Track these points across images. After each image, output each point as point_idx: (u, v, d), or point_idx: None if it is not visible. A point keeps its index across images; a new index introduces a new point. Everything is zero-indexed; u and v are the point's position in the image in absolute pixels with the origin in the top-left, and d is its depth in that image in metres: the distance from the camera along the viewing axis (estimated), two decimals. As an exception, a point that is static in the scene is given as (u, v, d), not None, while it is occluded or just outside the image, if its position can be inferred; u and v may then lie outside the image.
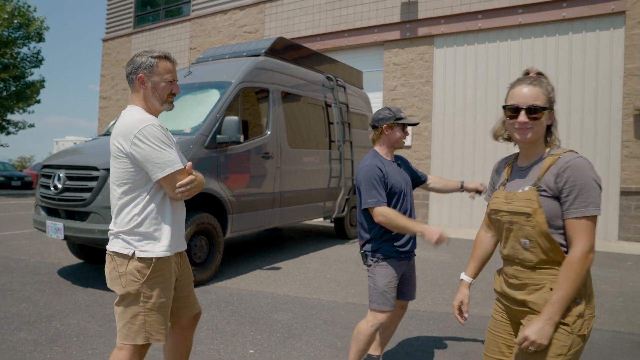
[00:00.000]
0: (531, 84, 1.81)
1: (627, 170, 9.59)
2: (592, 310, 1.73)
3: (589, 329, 1.71)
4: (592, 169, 1.70)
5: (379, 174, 2.85)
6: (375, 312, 2.84)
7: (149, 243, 2.15)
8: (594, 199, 1.66)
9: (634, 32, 9.64)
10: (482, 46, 11.04)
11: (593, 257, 1.67)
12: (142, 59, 2.20)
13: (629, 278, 6.32)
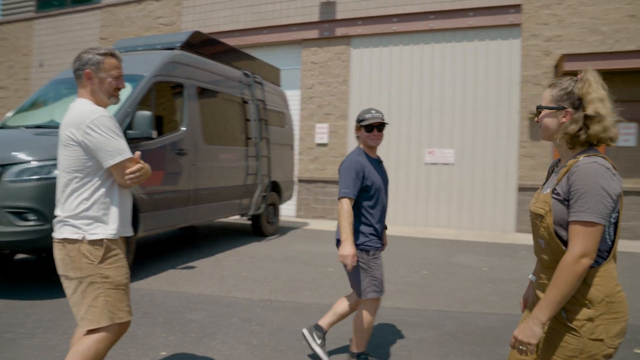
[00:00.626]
0: (549, 86, 1.92)
1: (524, 168, 10.47)
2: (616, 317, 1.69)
3: (609, 334, 1.68)
4: (602, 175, 1.67)
5: (358, 169, 3.13)
6: (373, 300, 3.17)
7: (98, 226, 2.26)
8: (593, 205, 1.64)
9: (529, 43, 10.52)
10: (396, 48, 11.48)
11: (587, 262, 1.65)
12: (89, 55, 2.34)
13: (522, 266, 6.92)
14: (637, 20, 10.01)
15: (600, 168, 1.68)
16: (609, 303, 1.69)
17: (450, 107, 10.99)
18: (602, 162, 1.70)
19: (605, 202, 1.64)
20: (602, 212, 1.64)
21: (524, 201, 10.44)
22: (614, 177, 1.69)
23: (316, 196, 11.97)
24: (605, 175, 1.67)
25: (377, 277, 3.16)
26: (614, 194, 1.66)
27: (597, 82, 1.84)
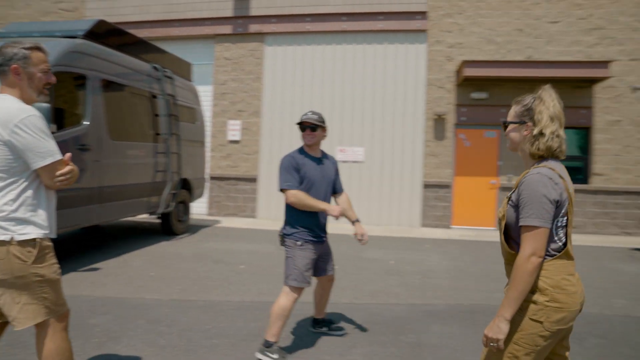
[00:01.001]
0: (514, 103, 2.16)
1: (428, 167, 11.10)
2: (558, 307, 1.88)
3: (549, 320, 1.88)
4: (544, 185, 1.89)
5: (292, 163, 3.45)
6: (294, 288, 3.40)
7: (27, 226, 2.20)
8: (536, 210, 1.87)
9: (433, 48, 11.16)
10: (309, 47, 11.65)
11: (536, 261, 1.85)
12: (14, 50, 2.25)
13: (425, 258, 7.36)
14: (524, 34, 10.98)
15: (542, 178, 1.91)
16: (554, 293, 1.90)
17: (360, 106, 11.37)
18: (546, 173, 1.93)
19: (546, 207, 1.87)
20: (544, 216, 1.87)
21: (429, 198, 11.07)
22: (555, 185, 1.91)
23: (228, 194, 11.85)
24: (546, 184, 1.89)
25: (299, 266, 3.40)
26: (553, 200, 1.88)
27: (551, 100, 2.03)
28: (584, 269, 6.85)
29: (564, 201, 1.93)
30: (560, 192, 1.92)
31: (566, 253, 1.96)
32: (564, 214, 1.95)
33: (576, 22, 10.91)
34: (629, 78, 10.79)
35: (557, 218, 1.94)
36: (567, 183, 1.97)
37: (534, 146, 2.02)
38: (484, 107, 11.01)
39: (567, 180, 1.99)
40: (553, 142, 1.99)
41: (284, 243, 3.56)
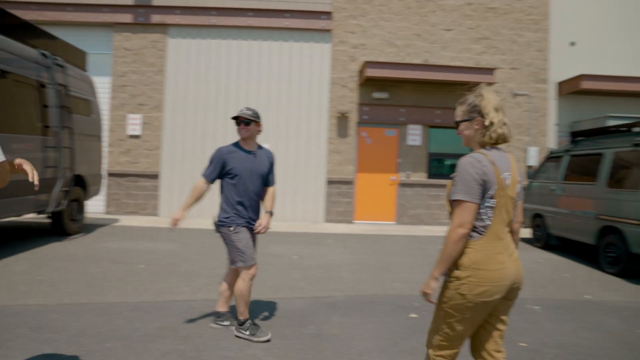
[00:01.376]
0: (458, 104, 2.41)
1: (332, 163, 11.41)
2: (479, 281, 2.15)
3: (471, 292, 2.16)
4: (472, 165, 2.17)
5: (219, 156, 3.76)
6: (245, 269, 3.73)
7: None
8: (462, 187, 2.16)
9: (338, 48, 11.47)
10: (215, 42, 11.44)
11: (461, 231, 2.14)
12: None
13: (328, 253, 7.58)
14: (422, 39, 11.66)
15: (472, 160, 2.19)
16: (475, 269, 2.17)
17: (266, 103, 11.38)
18: (476, 156, 2.21)
19: (472, 185, 2.15)
20: (470, 192, 2.15)
21: (332, 194, 11.38)
22: (483, 167, 2.17)
23: (128, 191, 11.31)
24: (474, 164, 2.17)
25: (240, 249, 3.72)
26: (479, 179, 2.15)
27: (491, 95, 2.31)
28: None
29: (491, 183, 2.17)
30: (486, 173, 2.16)
31: (492, 233, 2.20)
32: (492, 196, 2.18)
33: (467, 31, 11.78)
34: (510, 84, 11.87)
35: (485, 198, 2.19)
36: (498, 169, 2.19)
37: (486, 136, 2.27)
38: (385, 106, 11.53)
39: (500, 167, 2.21)
40: (503, 129, 2.26)
41: (218, 230, 3.81)
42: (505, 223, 2.24)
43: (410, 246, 8.56)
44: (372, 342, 3.84)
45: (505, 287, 2.20)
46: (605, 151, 7.16)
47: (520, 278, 2.29)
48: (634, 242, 6.24)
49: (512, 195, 2.25)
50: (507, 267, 2.20)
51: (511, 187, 2.25)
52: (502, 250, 2.21)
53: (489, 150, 2.27)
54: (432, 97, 11.65)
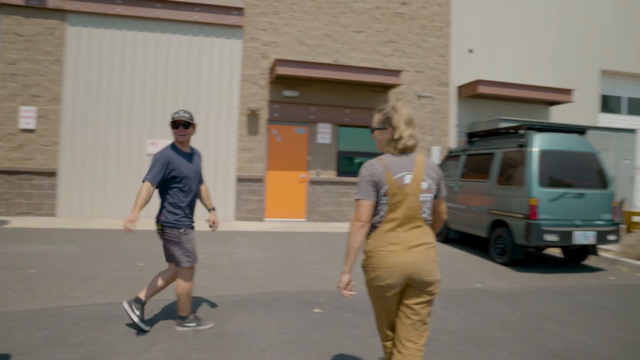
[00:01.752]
0: (377, 111, 2.68)
1: (241, 161, 11.32)
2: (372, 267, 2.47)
3: (369, 277, 2.51)
4: (365, 169, 2.51)
5: (163, 160, 3.81)
6: (188, 268, 3.91)
7: None
8: (359, 188, 2.51)
9: (249, 45, 11.39)
10: (120, 32, 10.87)
11: (356, 224, 2.46)
12: None
13: (236, 251, 7.53)
14: (332, 39, 11.91)
15: (366, 164, 2.54)
16: (370, 256, 2.50)
17: (173, 98, 11.03)
18: (372, 162, 2.53)
19: (365, 185, 2.48)
20: (362, 192, 2.49)
21: (242, 191, 11.30)
22: (374, 169, 2.49)
23: (21, 189, 10.43)
24: (367, 167, 2.51)
25: (188, 249, 3.91)
26: (369, 181, 2.47)
27: (404, 109, 2.59)
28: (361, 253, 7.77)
29: (381, 184, 2.46)
30: (376, 175, 2.47)
31: (387, 225, 2.47)
32: (384, 194, 2.47)
33: (375, 34, 12.21)
34: (415, 87, 12.48)
35: (380, 197, 2.49)
36: (390, 171, 2.47)
37: (392, 146, 2.56)
38: (296, 104, 11.63)
39: (393, 169, 2.48)
40: (409, 142, 2.54)
41: (163, 231, 3.88)
42: (407, 217, 2.46)
43: (319, 243, 8.73)
44: (275, 338, 3.89)
45: (397, 274, 2.41)
46: (495, 151, 7.77)
47: (424, 269, 2.44)
48: (518, 234, 6.85)
49: (413, 192, 2.47)
50: (398, 256, 2.42)
51: (412, 185, 2.47)
52: (397, 240, 2.44)
53: (388, 156, 2.55)
54: (341, 96, 11.94)
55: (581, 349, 3.90)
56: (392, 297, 2.50)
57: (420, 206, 2.49)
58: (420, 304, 2.49)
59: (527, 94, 12.65)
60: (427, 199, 2.53)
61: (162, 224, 3.88)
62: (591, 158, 7.13)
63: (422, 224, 2.51)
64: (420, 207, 2.49)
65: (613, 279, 6.71)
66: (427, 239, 2.51)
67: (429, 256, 2.48)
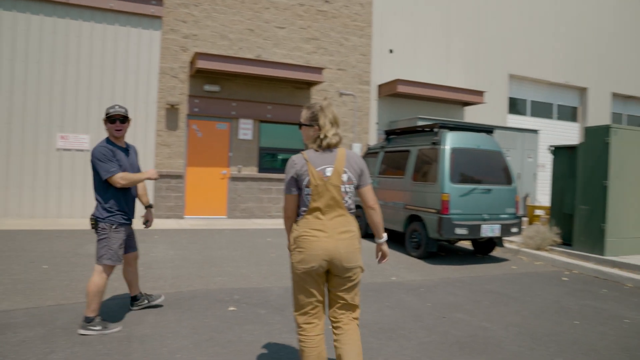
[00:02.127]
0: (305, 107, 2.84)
1: (160, 156, 10.91)
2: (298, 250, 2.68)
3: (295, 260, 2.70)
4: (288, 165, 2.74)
5: (109, 152, 3.84)
6: (107, 266, 3.86)
7: None
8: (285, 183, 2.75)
9: (168, 36, 10.98)
10: (24, 16, 10.05)
11: (284, 214, 2.80)
12: None
13: (151, 249, 7.24)
14: (255, 34, 11.78)
15: (291, 161, 2.75)
16: (296, 240, 2.71)
17: (86, 89, 10.40)
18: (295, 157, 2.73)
19: (288, 180, 2.72)
20: (286, 188, 2.75)
21: (161, 188, 10.90)
22: (295, 164, 2.71)
23: None
24: (290, 164, 2.74)
25: (113, 248, 3.87)
26: (291, 175, 2.71)
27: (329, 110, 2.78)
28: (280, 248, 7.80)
29: (303, 176, 2.67)
30: (297, 170, 2.69)
31: (310, 214, 2.68)
32: (307, 185, 2.67)
33: (298, 30, 12.22)
34: (337, 84, 12.66)
35: (303, 188, 2.70)
36: (311, 165, 2.67)
37: (317, 143, 2.75)
38: (217, 99, 11.39)
39: (315, 162, 2.68)
40: (333, 140, 2.74)
41: (96, 227, 3.88)
42: (330, 206, 2.68)
43: (239, 240, 8.62)
44: (187, 338, 3.77)
45: (320, 258, 2.62)
46: (411, 148, 8.06)
47: (344, 256, 2.65)
48: (432, 228, 7.15)
49: (334, 183, 2.68)
50: (320, 241, 2.63)
51: (333, 177, 2.67)
52: (320, 227, 2.66)
53: (311, 151, 2.75)
54: (264, 92, 11.85)
55: (483, 335, 4.13)
56: (314, 281, 2.69)
57: (342, 196, 2.69)
58: (344, 290, 2.74)
59: (443, 95, 13.25)
60: (348, 189, 2.73)
61: (95, 218, 3.90)
62: (497, 156, 7.59)
63: (344, 212, 2.71)
64: (342, 197, 2.69)
65: (515, 268, 7.19)
66: (350, 227, 2.72)
67: (350, 244, 2.68)
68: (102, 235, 3.86)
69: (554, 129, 16.93)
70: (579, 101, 17.73)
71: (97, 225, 3.88)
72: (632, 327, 4.57)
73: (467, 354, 3.68)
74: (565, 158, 8.56)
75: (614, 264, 7.10)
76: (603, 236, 7.34)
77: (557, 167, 8.77)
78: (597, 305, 5.28)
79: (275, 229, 10.17)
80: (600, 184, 7.39)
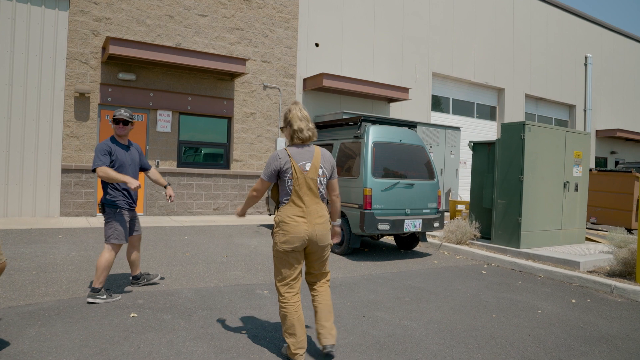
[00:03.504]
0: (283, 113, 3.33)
1: (68, 149, 10.00)
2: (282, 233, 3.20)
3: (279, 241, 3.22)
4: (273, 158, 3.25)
5: (106, 149, 4.46)
6: (115, 245, 4.48)
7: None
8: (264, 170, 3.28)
9: (77, 18, 10.08)
10: None
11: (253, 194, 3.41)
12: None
13: (51, 251, 6.53)
14: (175, 21, 11.13)
15: (274, 154, 3.25)
16: (280, 224, 3.23)
17: (-21, 74, 9.31)
18: (278, 151, 3.23)
19: (269, 169, 3.25)
20: (266, 174, 3.26)
21: (69, 184, 10.01)
22: (278, 159, 3.22)
23: None
24: (275, 158, 3.23)
25: (118, 228, 4.49)
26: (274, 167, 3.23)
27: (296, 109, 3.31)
28: (217, 248, 7.37)
29: (286, 169, 3.20)
30: (281, 163, 3.21)
31: (292, 202, 3.22)
32: (289, 178, 3.20)
33: (221, 19, 11.70)
34: (262, 77, 12.28)
35: (286, 180, 3.22)
36: (294, 160, 3.20)
37: (295, 138, 3.28)
38: (132, 89, 10.64)
39: (297, 158, 3.22)
40: (304, 134, 3.26)
41: (103, 211, 4.51)
42: (308, 196, 3.23)
43: (153, 238, 8.04)
44: (73, 353, 3.28)
45: (301, 239, 3.19)
46: (334, 142, 7.87)
47: (320, 237, 3.26)
48: (354, 223, 7.00)
49: (312, 177, 3.23)
50: (300, 225, 3.20)
51: (311, 171, 3.23)
52: (300, 213, 3.21)
53: (293, 147, 3.27)
54: (184, 82, 11.24)
55: (402, 334, 3.98)
56: (295, 257, 3.26)
57: (317, 187, 3.26)
58: (319, 262, 3.40)
59: (369, 90, 13.25)
60: (322, 182, 3.32)
61: (102, 203, 4.53)
62: (420, 150, 7.59)
63: (319, 201, 3.29)
64: (317, 188, 3.26)
65: (436, 262, 7.22)
66: (323, 212, 3.32)
67: (325, 227, 3.31)
68: (109, 217, 4.50)
69: (475, 127, 17.58)
70: (497, 101, 18.52)
71: (104, 210, 4.53)
72: (543, 317, 4.64)
73: (385, 356, 3.50)
74: (484, 154, 8.76)
75: (528, 255, 7.33)
76: (519, 229, 7.55)
77: (476, 163, 8.96)
78: (513, 298, 5.34)
79: (195, 226, 9.65)
80: (517, 178, 7.60)
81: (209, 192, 11.53)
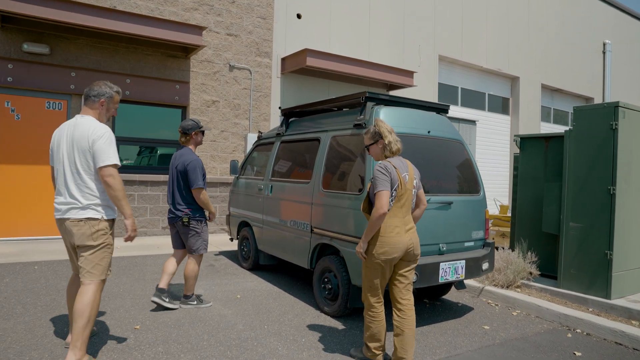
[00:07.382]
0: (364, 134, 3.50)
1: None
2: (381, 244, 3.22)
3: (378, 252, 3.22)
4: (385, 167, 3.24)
5: (202, 165, 4.62)
6: (200, 255, 4.65)
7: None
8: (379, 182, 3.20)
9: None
10: None
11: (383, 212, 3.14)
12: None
13: None
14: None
15: (379, 167, 3.27)
16: (380, 236, 3.23)
17: None
18: (383, 163, 3.29)
19: (383, 179, 3.20)
20: (385, 185, 3.19)
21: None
22: (388, 169, 3.24)
23: None
24: (381, 170, 3.24)
25: (205, 239, 4.66)
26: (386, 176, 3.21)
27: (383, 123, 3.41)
28: (128, 316, 4.58)
29: (395, 181, 3.22)
30: (392, 174, 3.22)
31: (392, 213, 3.23)
32: (395, 189, 3.22)
33: (172, -23, 8.87)
34: (227, 54, 9.46)
35: (392, 191, 3.23)
36: (399, 171, 3.25)
37: (387, 150, 3.35)
38: (46, 66, 7.78)
39: (400, 169, 3.27)
40: (396, 145, 3.36)
41: (189, 223, 4.53)
42: (405, 207, 3.28)
43: (27, 283, 5.18)
44: None
45: (400, 249, 3.21)
46: (321, 135, 5.04)
47: (415, 245, 3.30)
48: (355, 268, 4.21)
49: (410, 188, 3.30)
50: (400, 235, 3.22)
51: (409, 182, 3.30)
52: (399, 224, 3.24)
53: (393, 159, 3.33)
54: (120, 59, 8.40)
55: None
56: (389, 267, 3.26)
57: (412, 198, 3.35)
58: (409, 271, 3.35)
59: (365, 72, 10.49)
60: (415, 192, 3.39)
61: (188, 217, 4.50)
62: (458, 148, 4.83)
63: (410, 212, 3.36)
64: (412, 198, 3.35)
65: (487, 328, 4.48)
66: (413, 223, 3.39)
67: (416, 236, 3.34)
68: (196, 230, 4.55)
69: (486, 121, 14.91)
70: (510, 91, 15.90)
71: (189, 222, 4.52)
72: None
73: None
74: (539, 153, 6.07)
75: (627, 312, 4.64)
76: (608, 269, 4.88)
77: (525, 166, 6.27)
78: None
79: (123, 257, 6.81)
80: (603, 190, 4.92)
81: (156, 205, 8.68)
